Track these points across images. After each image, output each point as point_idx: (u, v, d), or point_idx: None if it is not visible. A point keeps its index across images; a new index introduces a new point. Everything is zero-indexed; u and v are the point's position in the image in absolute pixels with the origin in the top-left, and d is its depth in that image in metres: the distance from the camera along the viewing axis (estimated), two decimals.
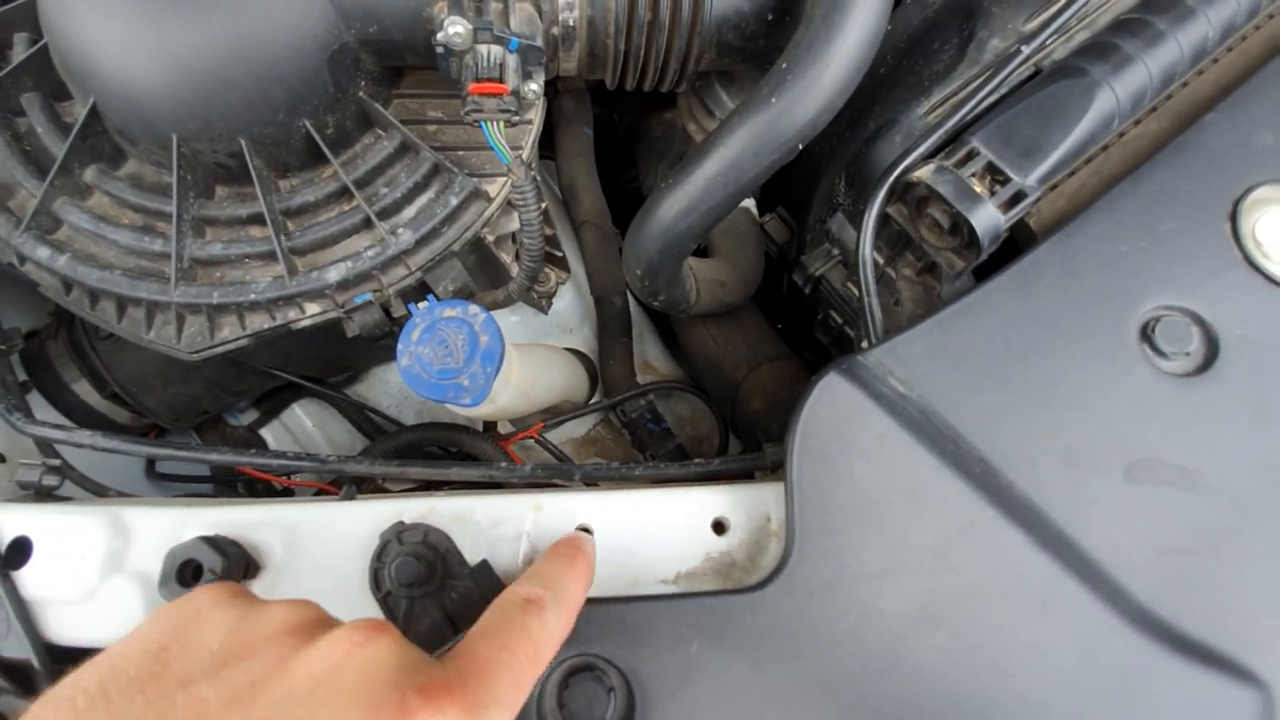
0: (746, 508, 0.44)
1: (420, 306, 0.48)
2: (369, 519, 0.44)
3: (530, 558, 0.44)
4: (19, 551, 0.44)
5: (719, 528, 0.44)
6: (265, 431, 0.85)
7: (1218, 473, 0.41)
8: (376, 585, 0.41)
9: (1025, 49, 0.49)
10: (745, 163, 0.48)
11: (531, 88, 0.49)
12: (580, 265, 0.80)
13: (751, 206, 0.77)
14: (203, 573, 0.41)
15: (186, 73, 0.45)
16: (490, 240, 0.59)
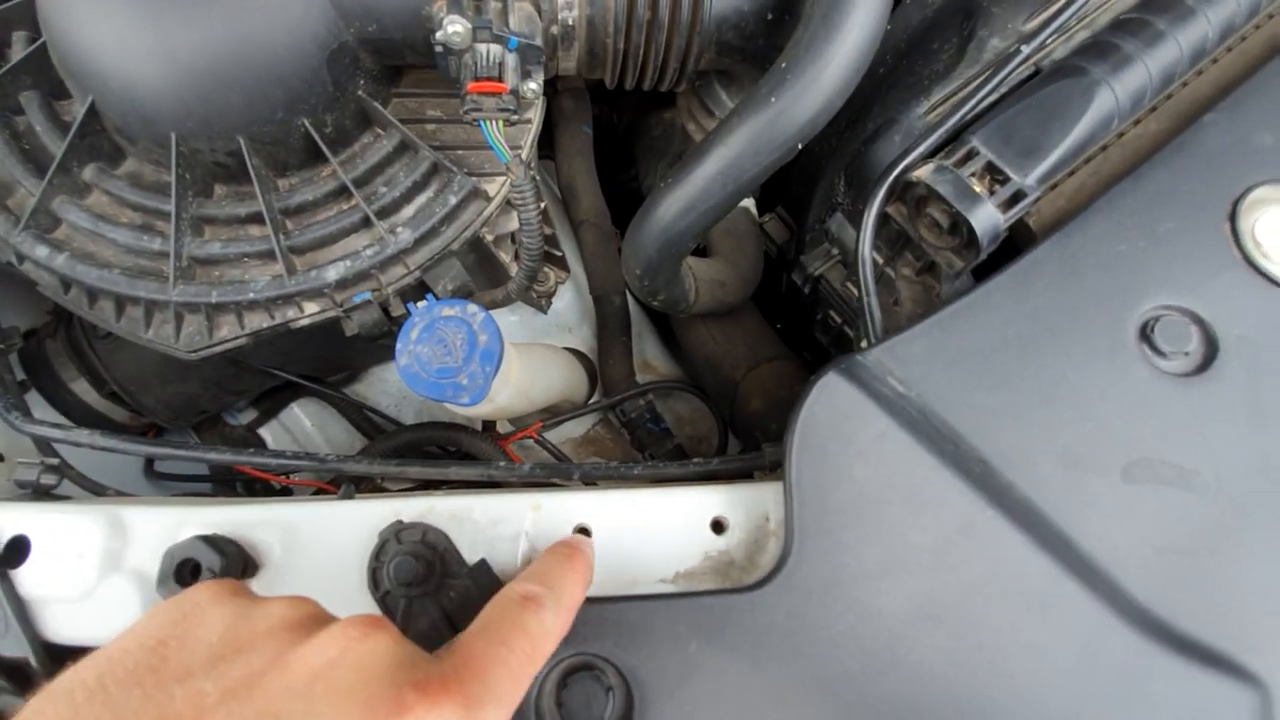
0: (745, 507, 0.44)
1: (419, 305, 0.48)
2: (367, 518, 0.44)
3: (529, 557, 0.44)
4: (17, 550, 0.44)
5: (718, 527, 0.44)
6: (264, 431, 0.85)
7: (1216, 472, 0.41)
8: (375, 584, 0.41)
9: (1025, 48, 0.49)
10: (745, 162, 0.48)
11: (530, 87, 0.49)
12: (579, 264, 0.80)
13: (751, 206, 0.77)
14: (201, 572, 0.41)
15: (186, 71, 0.45)
16: (489, 239, 0.59)
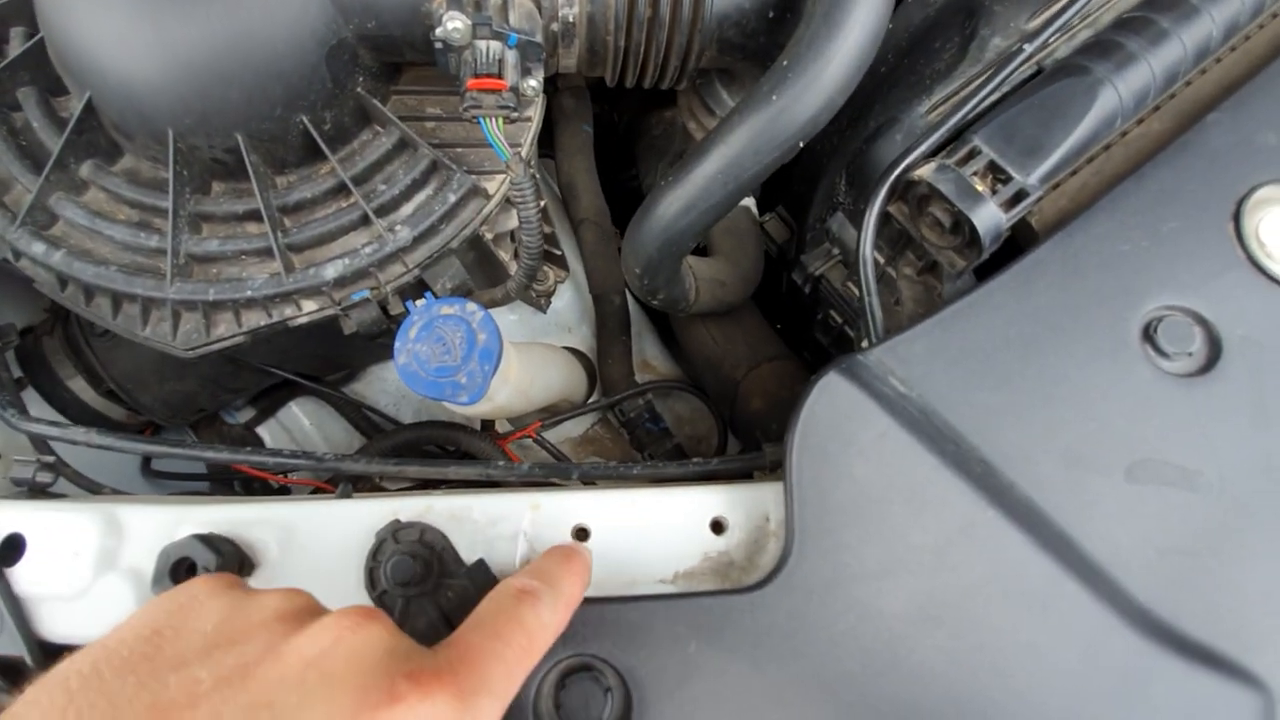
0: (745, 507, 0.44)
1: (418, 304, 0.48)
2: (365, 517, 0.44)
3: (527, 557, 0.43)
4: (12, 548, 0.44)
5: (717, 527, 0.44)
6: (262, 429, 0.85)
7: (1219, 473, 0.41)
8: (372, 584, 0.40)
9: (1027, 47, 0.49)
10: (745, 161, 0.48)
11: (531, 84, 0.49)
12: (579, 263, 0.80)
13: (751, 205, 0.77)
14: (196, 571, 0.41)
15: (184, 68, 0.45)
16: (489, 238, 0.59)
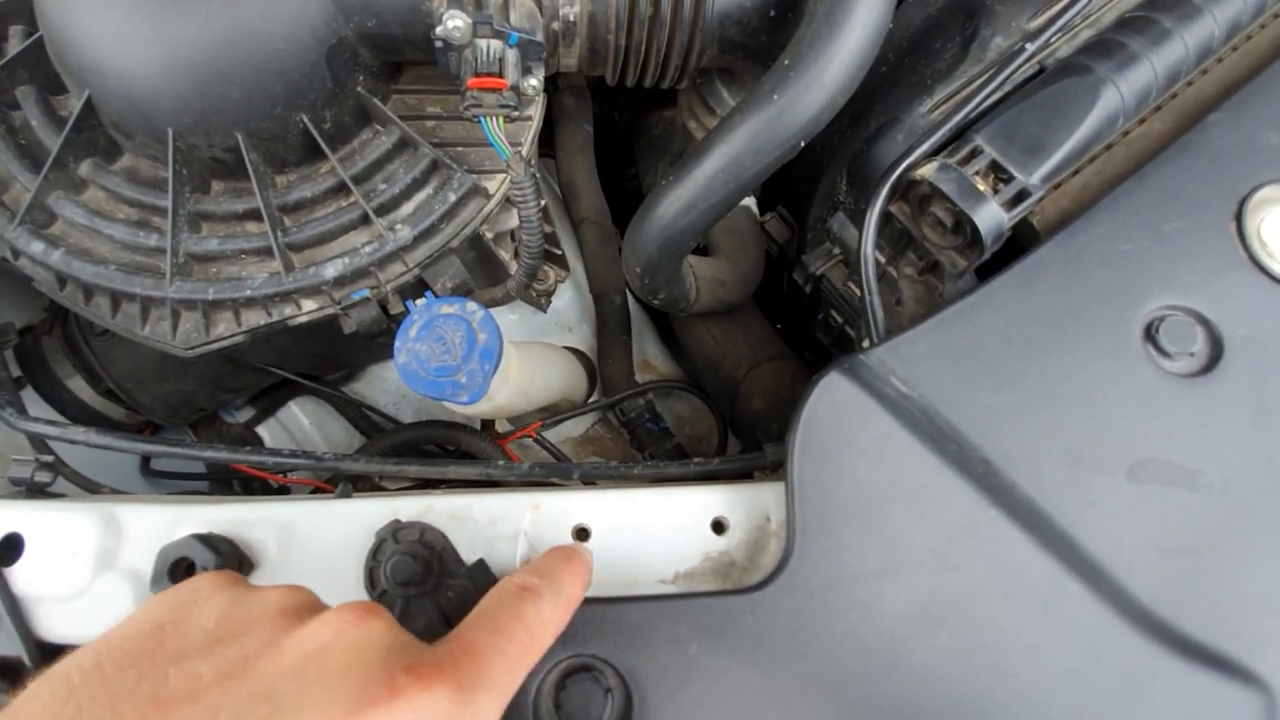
0: (746, 507, 0.44)
1: (418, 303, 0.48)
2: (365, 517, 0.44)
3: (528, 557, 0.43)
4: (10, 548, 0.44)
5: (718, 527, 0.44)
6: (261, 429, 0.85)
7: (1221, 473, 0.41)
8: (371, 584, 0.40)
9: (1029, 47, 0.49)
10: (746, 160, 0.47)
11: (531, 83, 0.48)
12: (579, 263, 0.80)
13: (752, 205, 0.77)
14: (195, 571, 0.41)
15: (183, 66, 0.45)
16: (489, 237, 0.58)
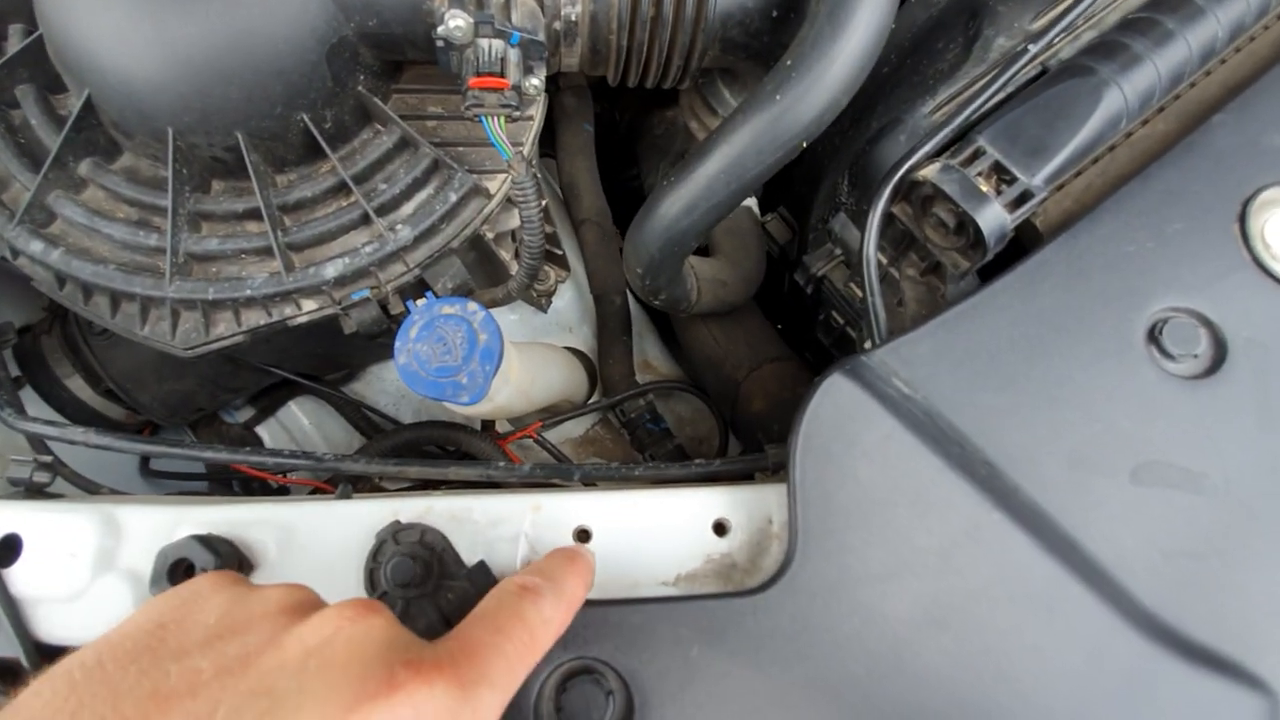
0: (747, 509, 0.44)
1: (419, 304, 0.48)
2: (365, 518, 0.43)
3: (528, 559, 0.43)
4: (9, 549, 0.43)
5: (720, 529, 0.43)
6: (261, 429, 0.85)
7: (1225, 476, 0.41)
8: (371, 586, 0.40)
9: (1032, 48, 0.49)
10: (748, 160, 0.47)
11: (533, 83, 0.48)
12: (580, 263, 0.79)
13: (753, 205, 0.77)
14: (195, 572, 0.41)
15: (183, 65, 0.44)
16: (490, 237, 0.58)
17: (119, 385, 0.69)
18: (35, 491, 0.50)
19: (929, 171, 0.47)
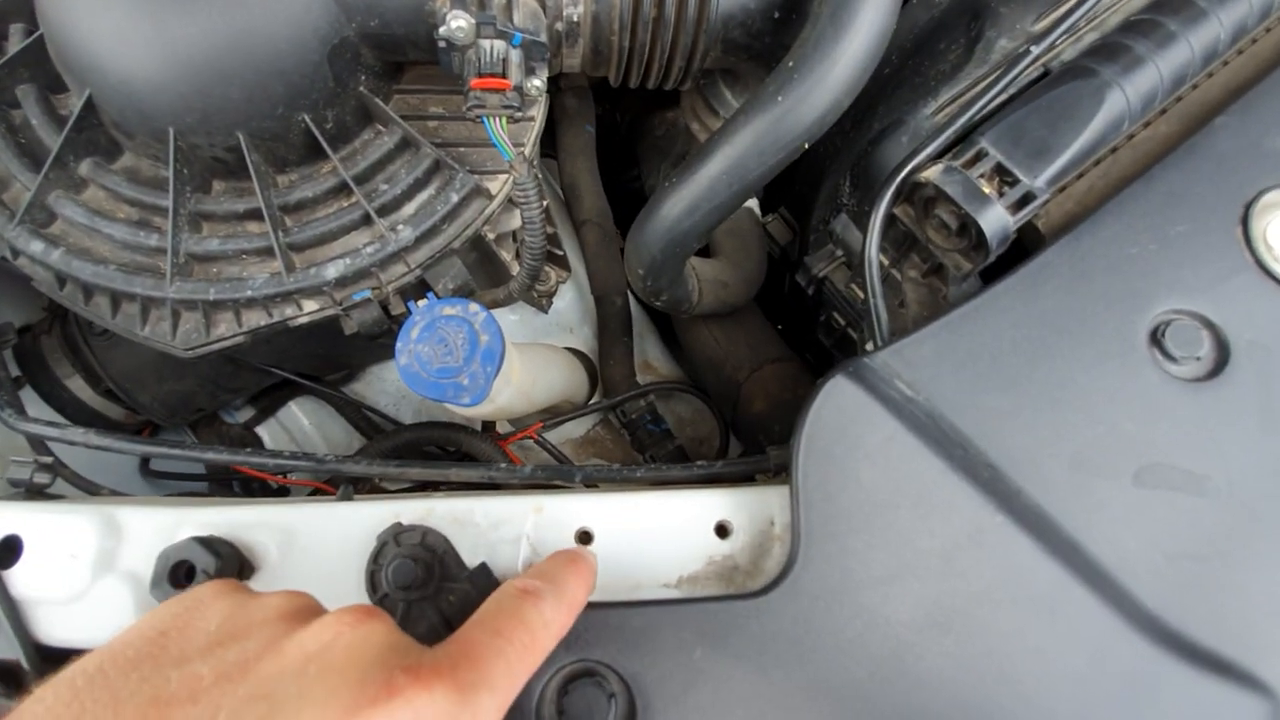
0: (749, 511, 0.43)
1: (420, 304, 0.47)
2: (366, 520, 0.43)
3: (530, 561, 0.43)
4: (9, 550, 0.43)
5: (722, 531, 0.43)
6: (261, 429, 0.85)
7: (1228, 478, 0.41)
8: (373, 588, 0.40)
9: (1034, 49, 0.49)
10: (750, 162, 0.47)
11: (534, 84, 0.48)
12: (581, 264, 0.79)
13: (755, 206, 0.77)
14: (195, 574, 0.41)
15: (185, 65, 0.44)
16: (491, 238, 0.58)
17: (119, 385, 0.69)
18: (35, 492, 0.50)
19: (931, 173, 0.47)
